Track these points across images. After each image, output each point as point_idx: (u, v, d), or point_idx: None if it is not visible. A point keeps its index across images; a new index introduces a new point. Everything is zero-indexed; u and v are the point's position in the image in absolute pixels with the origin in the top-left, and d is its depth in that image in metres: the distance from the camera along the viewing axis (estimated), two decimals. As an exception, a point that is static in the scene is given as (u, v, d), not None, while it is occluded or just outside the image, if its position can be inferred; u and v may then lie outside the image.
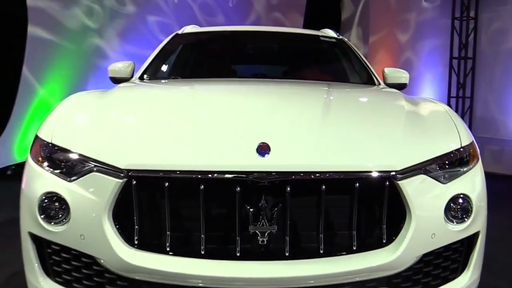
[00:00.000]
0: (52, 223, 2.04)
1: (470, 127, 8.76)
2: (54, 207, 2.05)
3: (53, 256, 2.10)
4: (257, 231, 1.96)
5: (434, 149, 2.18)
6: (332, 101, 2.63)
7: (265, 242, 1.96)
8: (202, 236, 1.96)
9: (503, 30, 8.28)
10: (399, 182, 2.02)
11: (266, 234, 1.96)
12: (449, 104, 8.98)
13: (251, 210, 1.95)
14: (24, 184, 2.16)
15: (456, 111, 8.91)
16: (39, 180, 2.09)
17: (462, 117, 8.88)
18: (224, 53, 4.33)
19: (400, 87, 3.69)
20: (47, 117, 2.33)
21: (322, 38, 4.31)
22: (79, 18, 7.47)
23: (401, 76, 3.76)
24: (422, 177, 2.09)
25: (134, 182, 1.95)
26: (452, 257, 2.20)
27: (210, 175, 1.93)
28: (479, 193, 2.22)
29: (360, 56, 4.15)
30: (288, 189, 1.94)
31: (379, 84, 3.72)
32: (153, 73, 3.75)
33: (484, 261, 2.32)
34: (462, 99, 9.06)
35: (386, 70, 3.82)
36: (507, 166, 7.89)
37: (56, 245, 2.08)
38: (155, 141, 2.10)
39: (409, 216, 2.04)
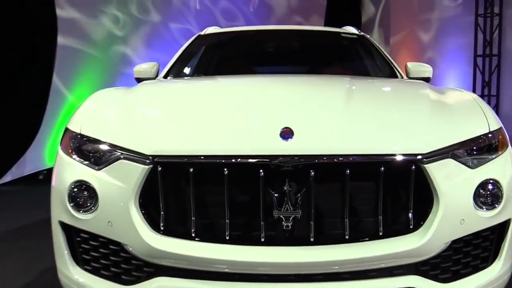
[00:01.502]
0: (81, 211, 2.10)
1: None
2: (83, 196, 2.10)
3: (82, 244, 2.16)
4: (281, 216, 1.96)
5: (461, 133, 2.14)
6: (355, 89, 2.64)
7: (289, 227, 1.97)
8: (227, 221, 1.98)
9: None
10: (425, 166, 1.99)
11: (290, 219, 1.97)
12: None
13: (275, 195, 1.97)
14: (54, 175, 2.24)
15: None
16: (69, 170, 2.16)
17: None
18: (246, 52, 4.38)
19: (424, 81, 3.67)
20: (76, 111, 2.41)
21: (343, 35, 4.33)
22: (105, 27, 7.69)
23: (425, 70, 3.74)
24: (449, 161, 2.05)
25: (160, 168, 1.99)
26: (482, 245, 2.15)
27: (233, 160, 1.96)
28: (510, 179, 2.16)
29: (382, 51, 4.15)
30: (312, 173, 1.94)
31: (402, 78, 3.72)
32: (176, 73, 3.83)
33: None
34: (487, 97, 8.94)
35: (409, 64, 3.81)
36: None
37: (85, 233, 2.13)
38: (180, 128, 2.15)
39: (437, 201, 2.01)
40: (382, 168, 1.98)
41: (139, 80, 3.75)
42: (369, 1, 11.03)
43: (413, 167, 1.99)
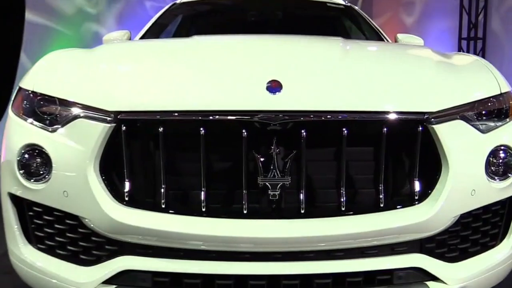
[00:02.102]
0: (33, 180, 1.83)
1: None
2: (35, 162, 1.84)
3: (34, 219, 1.89)
4: (267, 184, 1.71)
5: (471, 93, 1.94)
6: (350, 46, 2.37)
7: (276, 197, 1.72)
8: (203, 190, 1.72)
9: (516, 8, 7.99)
10: (434, 127, 1.77)
11: (277, 187, 1.71)
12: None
13: (260, 159, 1.71)
14: (4, 140, 1.95)
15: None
16: (19, 133, 1.89)
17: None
18: (226, 22, 4.11)
19: None
20: (30, 69, 2.11)
21: (329, 5, 4.14)
22: (76, 3, 7.49)
23: (416, 42, 3.56)
24: (459, 123, 1.85)
25: (124, 127, 1.72)
26: (492, 221, 1.94)
27: (211, 117, 1.70)
28: None
29: (371, 22, 3.98)
30: (304, 133, 1.69)
31: None
32: None
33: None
34: (472, 81, 8.81)
35: (399, 36, 3.65)
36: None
37: (37, 206, 1.86)
38: (148, 82, 1.87)
39: (446, 168, 1.79)
40: (385, 129, 1.73)
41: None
42: (351, -17, 10.87)
43: (420, 128, 1.76)
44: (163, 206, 1.73)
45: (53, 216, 1.85)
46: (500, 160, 1.90)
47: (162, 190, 1.73)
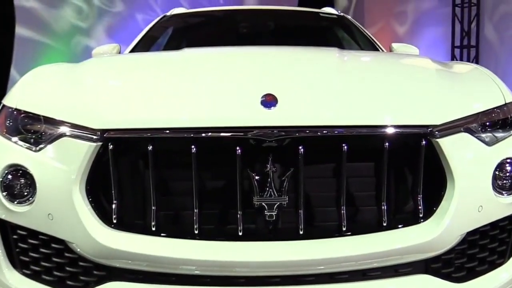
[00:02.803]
0: (16, 202, 1.73)
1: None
2: (18, 183, 1.74)
3: (19, 243, 1.78)
4: (263, 204, 1.62)
5: (474, 104, 1.86)
6: (349, 56, 2.30)
7: (273, 218, 1.63)
8: (196, 211, 1.63)
9: (509, 15, 7.98)
10: (438, 140, 1.69)
11: (274, 207, 1.62)
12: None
13: (256, 177, 1.62)
14: None
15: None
16: (2, 152, 1.79)
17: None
18: (217, 33, 4.04)
19: None
20: (14, 85, 2.03)
21: (322, 15, 4.10)
22: (67, 18, 7.51)
23: (411, 51, 3.47)
24: (464, 136, 1.76)
25: (111, 146, 1.63)
26: (499, 237, 1.85)
27: (203, 134, 1.61)
28: None
29: (365, 32, 3.91)
30: (301, 149, 1.60)
31: None
32: None
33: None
34: (466, 89, 8.78)
35: (394, 45, 3.57)
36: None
37: (22, 229, 1.76)
38: (136, 98, 1.78)
39: (452, 183, 1.70)
40: (386, 144, 1.65)
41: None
42: (342, -7, 10.85)
43: (423, 142, 1.67)
44: (154, 228, 1.64)
45: (38, 240, 1.75)
46: (507, 174, 1.81)
47: (152, 211, 1.64)
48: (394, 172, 1.72)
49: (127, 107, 1.73)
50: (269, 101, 1.66)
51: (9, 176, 1.74)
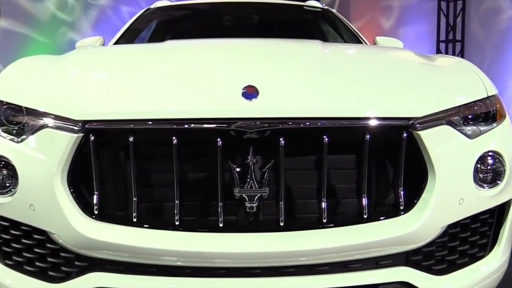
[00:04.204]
0: None
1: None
2: (0, 174, 1.74)
3: (1, 234, 1.79)
4: (244, 195, 1.63)
5: (457, 97, 1.86)
6: (329, 50, 2.30)
7: (254, 209, 1.64)
8: (177, 202, 1.63)
9: (495, 9, 8.01)
10: (419, 133, 1.69)
11: (255, 198, 1.63)
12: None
13: (237, 169, 1.63)
14: None
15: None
16: None
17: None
18: (201, 27, 4.02)
19: None
20: None
21: (306, 8, 4.08)
22: (51, 11, 7.49)
23: (395, 45, 3.46)
24: (446, 129, 1.77)
25: (92, 137, 1.63)
26: (480, 231, 1.87)
27: (184, 125, 1.61)
28: (511, 152, 1.89)
29: (349, 25, 3.91)
30: (282, 141, 1.61)
31: None
32: None
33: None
34: (451, 84, 8.80)
35: (378, 39, 3.55)
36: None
37: (4, 220, 1.77)
38: (118, 89, 1.79)
39: (433, 176, 1.70)
40: (368, 136, 1.65)
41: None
42: (328, -13, 10.83)
43: (405, 134, 1.68)
44: (135, 220, 1.65)
45: (21, 230, 1.76)
46: (489, 167, 1.83)
47: (134, 203, 1.65)
48: (375, 164, 1.73)
49: (109, 98, 1.73)
50: (250, 92, 1.66)
51: None
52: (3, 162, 1.74)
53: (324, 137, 1.63)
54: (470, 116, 1.85)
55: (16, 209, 1.72)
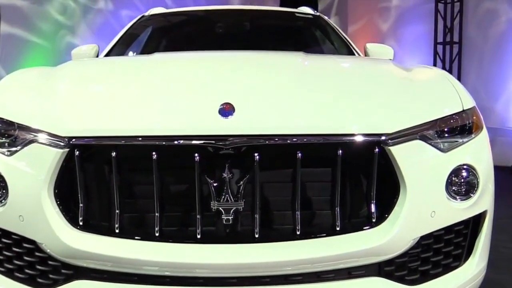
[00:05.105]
0: None
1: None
2: None
3: None
4: (220, 208, 1.69)
5: (431, 111, 1.88)
6: (309, 62, 2.35)
7: (230, 222, 1.70)
8: (157, 214, 1.70)
9: (492, 11, 8.00)
10: (391, 148, 1.73)
11: (231, 211, 1.69)
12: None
13: (213, 184, 1.69)
14: None
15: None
16: None
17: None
18: (194, 34, 4.09)
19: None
20: None
21: (297, 15, 4.12)
22: (52, 15, 7.56)
23: (385, 52, 3.49)
24: (418, 143, 1.79)
25: (77, 152, 1.71)
26: (455, 241, 1.89)
27: (163, 142, 1.68)
28: (486, 165, 1.91)
29: (340, 32, 3.95)
30: (257, 156, 1.67)
31: None
32: (116, 55, 3.53)
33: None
34: (448, 85, 8.76)
35: (368, 45, 3.57)
36: (499, 157, 7.59)
37: None
38: (100, 106, 1.85)
39: (404, 190, 1.74)
40: (340, 151, 1.70)
41: (78, 63, 3.45)
42: (326, -13, 10.84)
43: (376, 149, 1.73)
44: (117, 230, 1.72)
45: (11, 239, 1.84)
46: (462, 180, 1.85)
47: (116, 215, 1.72)
48: (349, 177, 1.77)
49: (91, 116, 1.80)
50: (226, 110, 1.72)
51: None
52: None
53: (298, 152, 1.68)
54: (444, 130, 1.87)
55: (7, 219, 1.80)
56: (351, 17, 10.13)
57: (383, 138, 1.73)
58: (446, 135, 1.87)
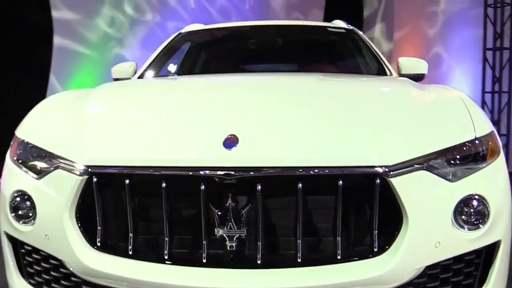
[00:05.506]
0: (21, 222, 2.01)
1: (508, 125, 8.21)
2: (25, 206, 2.01)
3: (26, 256, 2.06)
4: (224, 235, 1.77)
5: (440, 140, 1.86)
6: (319, 90, 2.36)
7: (234, 248, 1.77)
8: (166, 239, 1.81)
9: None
10: (391, 180, 1.73)
11: (234, 238, 1.77)
12: (483, 100, 8.45)
13: (218, 212, 1.78)
14: (1, 183, 2.15)
15: (492, 107, 8.37)
16: (12, 178, 2.08)
17: (499, 114, 8.32)
18: (228, 50, 4.20)
19: (418, 78, 3.40)
20: (25, 117, 2.30)
21: (330, 29, 4.12)
22: (101, 28, 7.79)
23: (418, 66, 3.45)
24: (422, 174, 1.78)
25: (95, 179, 1.85)
26: (465, 271, 1.86)
27: (169, 172, 1.79)
28: (499, 194, 1.87)
29: (371, 46, 3.93)
30: (259, 187, 1.73)
31: (391, 74, 3.45)
32: (153, 73, 3.65)
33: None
34: (498, 94, 8.43)
35: (401, 60, 3.54)
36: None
37: (27, 245, 2.03)
38: (116, 136, 1.99)
39: (406, 220, 1.74)
40: (340, 182, 1.73)
41: (117, 80, 3.64)
42: (372, -6, 10.71)
43: (378, 180, 1.74)
44: (130, 252, 1.83)
45: (40, 255, 2.02)
46: (472, 210, 1.82)
47: (130, 238, 1.84)
48: (351, 206, 1.78)
49: (107, 146, 1.94)
50: (231, 141, 1.80)
51: (17, 199, 2.01)
52: (26, 196, 2.00)
53: (299, 183, 1.73)
54: (453, 159, 1.84)
55: (35, 237, 1.98)
56: (397, 22, 9.92)
57: (383, 170, 1.74)
58: (455, 164, 1.84)
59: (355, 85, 2.67)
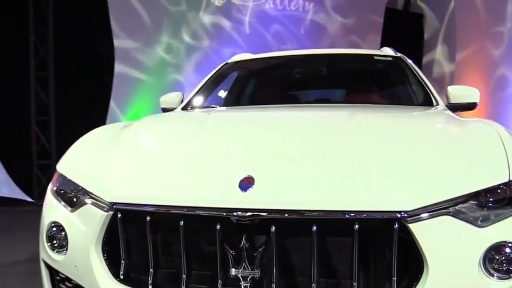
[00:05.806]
0: (56, 252, 2.12)
1: None
2: (59, 236, 2.12)
3: (60, 284, 2.18)
4: (239, 275, 1.78)
5: (468, 183, 1.75)
6: (345, 132, 2.20)
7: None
8: (183, 276, 1.85)
9: None
10: (410, 225, 1.66)
11: (248, 279, 1.77)
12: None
13: (232, 252, 1.79)
14: (43, 212, 2.28)
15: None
16: (50, 209, 2.20)
17: None
18: (273, 80, 4.23)
19: (469, 107, 3.28)
20: (66, 152, 2.43)
21: (376, 58, 4.03)
22: (159, 55, 8.13)
23: (469, 94, 3.29)
24: (446, 219, 1.70)
25: (120, 215, 1.92)
26: None
27: (188, 212, 1.83)
28: None
29: (419, 74, 3.80)
30: (273, 228, 1.72)
31: (437, 104, 3.29)
32: (198, 103, 3.70)
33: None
34: None
35: (450, 88, 3.37)
36: None
37: (61, 273, 2.15)
38: (140, 174, 2.06)
39: (426, 268, 1.67)
40: (357, 226, 1.69)
41: (164, 110, 3.72)
42: (432, 15, 10.38)
43: (396, 225, 1.68)
44: (150, 287, 1.88)
45: (71, 283, 2.12)
46: (503, 257, 1.71)
47: (150, 273, 1.89)
48: (369, 250, 1.74)
49: (131, 184, 2.01)
50: (246, 183, 1.81)
51: (53, 229, 2.14)
52: (61, 227, 2.12)
53: (313, 226, 1.70)
54: (483, 203, 1.75)
55: (67, 266, 2.09)
56: (459, 43, 9.56)
57: (401, 215, 1.68)
58: (485, 208, 1.74)
59: (385, 122, 2.53)
